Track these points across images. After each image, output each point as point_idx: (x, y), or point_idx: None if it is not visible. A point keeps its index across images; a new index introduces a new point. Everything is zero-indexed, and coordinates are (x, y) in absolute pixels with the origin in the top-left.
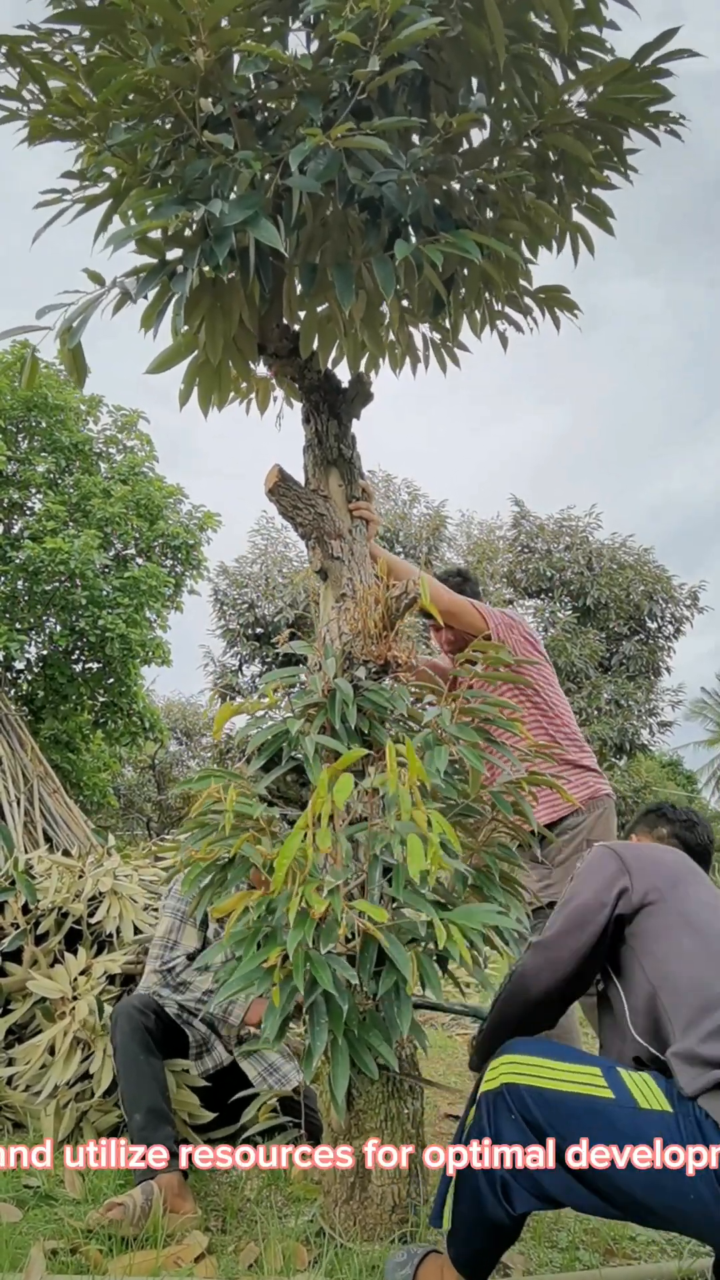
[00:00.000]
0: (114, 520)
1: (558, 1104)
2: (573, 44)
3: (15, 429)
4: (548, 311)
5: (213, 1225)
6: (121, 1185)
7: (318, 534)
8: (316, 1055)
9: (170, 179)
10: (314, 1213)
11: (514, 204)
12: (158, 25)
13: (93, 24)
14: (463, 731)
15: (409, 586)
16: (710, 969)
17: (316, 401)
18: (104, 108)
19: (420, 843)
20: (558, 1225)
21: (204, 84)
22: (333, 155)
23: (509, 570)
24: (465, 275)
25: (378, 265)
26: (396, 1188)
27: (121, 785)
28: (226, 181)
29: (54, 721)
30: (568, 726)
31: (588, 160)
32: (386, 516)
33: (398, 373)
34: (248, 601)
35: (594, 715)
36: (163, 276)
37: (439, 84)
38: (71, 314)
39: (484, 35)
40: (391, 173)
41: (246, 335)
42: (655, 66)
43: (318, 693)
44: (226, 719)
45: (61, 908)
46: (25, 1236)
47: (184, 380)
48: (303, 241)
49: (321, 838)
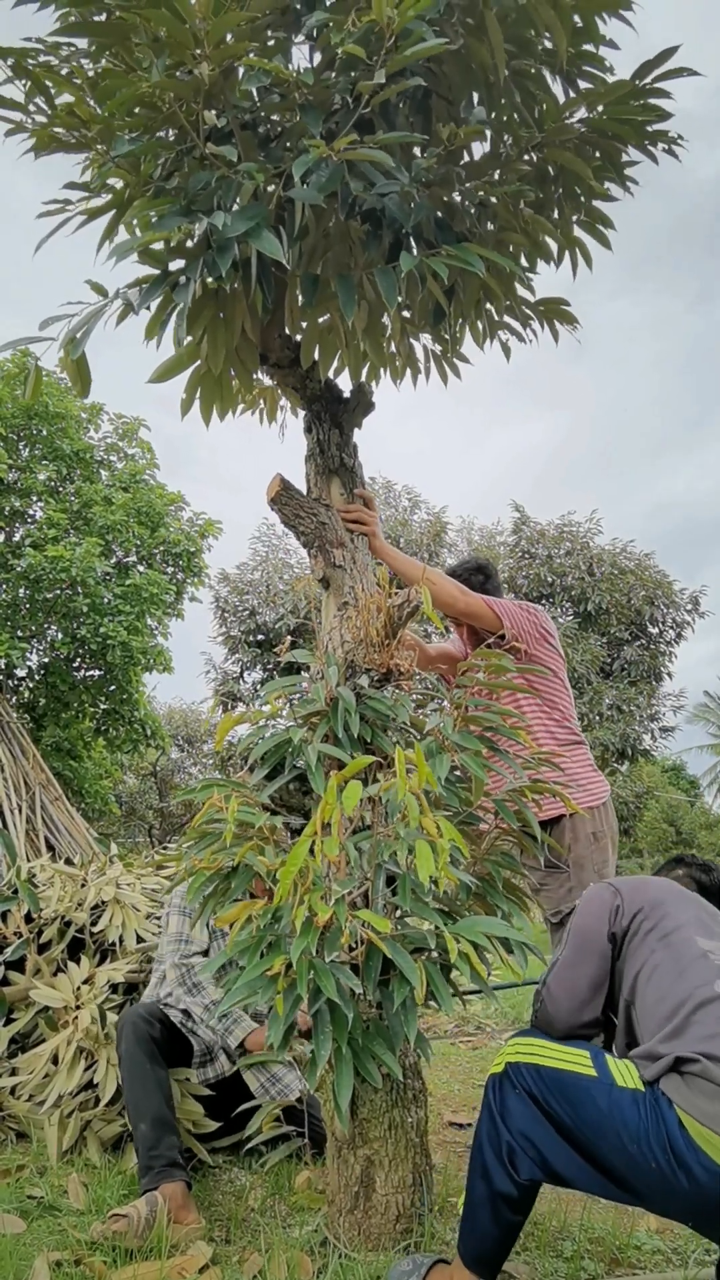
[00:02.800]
0: (115, 528)
1: (553, 1078)
2: (572, 61)
3: (16, 437)
4: (546, 324)
5: (217, 1235)
6: (125, 1195)
7: (320, 542)
8: (321, 1064)
9: (173, 190)
10: (318, 1222)
11: (514, 217)
12: (162, 39)
13: (98, 37)
14: (465, 740)
15: (411, 595)
16: (676, 983)
17: (318, 411)
18: (108, 120)
19: (429, 849)
20: (563, 1234)
21: (207, 97)
22: (335, 167)
23: (510, 576)
24: (465, 287)
25: (380, 277)
26: (401, 1197)
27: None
28: (229, 193)
29: (55, 729)
30: (568, 720)
31: (587, 176)
32: (388, 523)
33: (398, 384)
34: (249, 608)
35: (596, 721)
36: (165, 287)
37: (440, 97)
38: (75, 325)
39: (485, 50)
40: (393, 185)
41: (248, 345)
42: (654, 86)
43: (320, 701)
44: (229, 729)
45: (64, 916)
46: (29, 1248)
47: (185, 390)
48: (305, 253)
49: (329, 846)
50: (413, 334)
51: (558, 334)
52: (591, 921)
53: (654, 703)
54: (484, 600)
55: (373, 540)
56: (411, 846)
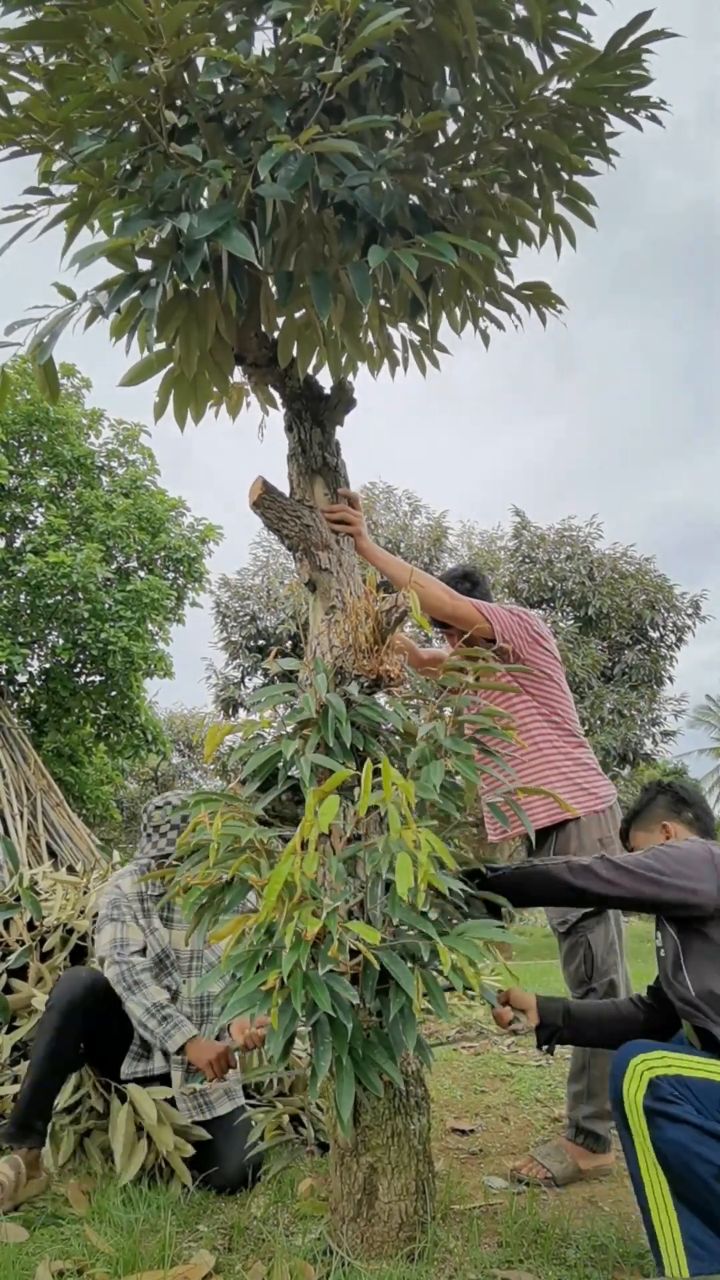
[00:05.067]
0: (116, 533)
1: (701, 1090)
2: (547, 30)
3: (17, 443)
4: (533, 308)
5: (219, 1244)
6: (125, 1201)
7: (305, 545)
8: (321, 1075)
9: (139, 191)
10: (321, 1230)
11: (490, 201)
12: (114, 38)
13: (49, 39)
14: (458, 745)
15: (399, 600)
16: None
17: (299, 410)
18: (66, 118)
19: (410, 861)
20: (566, 1242)
21: (168, 92)
22: (304, 160)
23: (510, 580)
24: (443, 275)
25: (353, 272)
26: (404, 1204)
27: (124, 798)
28: (196, 192)
29: (56, 735)
30: (568, 723)
31: (564, 153)
32: (388, 528)
33: (375, 375)
34: (249, 614)
35: (597, 725)
36: (134, 290)
37: (412, 78)
38: (42, 329)
39: (455, 26)
40: (364, 175)
41: (223, 346)
42: (632, 51)
43: (310, 710)
44: (218, 741)
45: (66, 924)
46: (32, 1257)
47: (159, 393)
48: (278, 248)
49: (308, 862)
50: (391, 324)
51: (545, 318)
52: (697, 878)
53: (655, 707)
54: (473, 603)
55: (358, 541)
56: (394, 858)
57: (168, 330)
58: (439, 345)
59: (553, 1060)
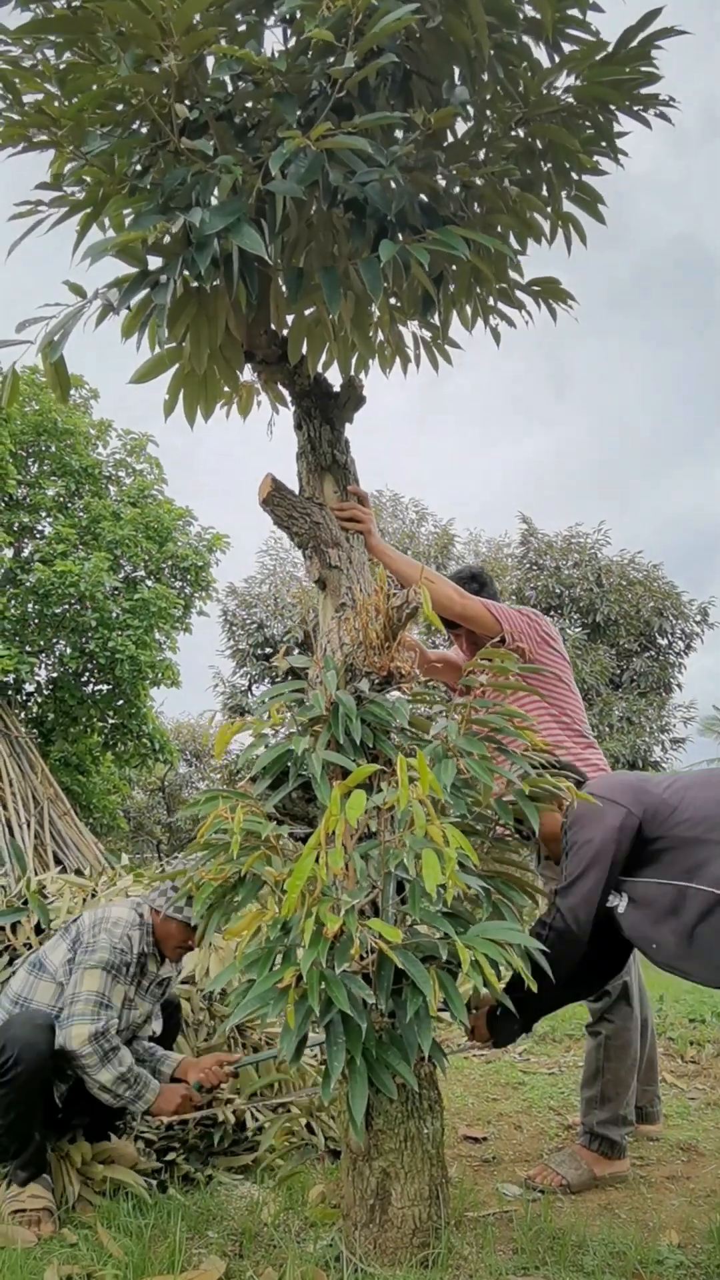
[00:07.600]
0: (124, 543)
1: None
2: (557, 28)
3: (25, 453)
4: (543, 303)
5: (230, 1250)
6: (134, 1206)
7: (314, 543)
8: (335, 1075)
9: (149, 187)
10: (333, 1237)
11: (500, 198)
12: (127, 33)
13: (61, 33)
14: (470, 744)
15: (410, 596)
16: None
17: (308, 407)
18: (78, 116)
19: (436, 858)
20: (583, 1248)
21: (179, 88)
22: (314, 157)
23: (518, 587)
24: (454, 271)
25: (364, 267)
26: (418, 1210)
27: (131, 808)
28: (207, 188)
29: (64, 744)
30: (578, 724)
31: (575, 148)
32: (395, 535)
33: (388, 372)
34: (257, 621)
35: (606, 732)
36: (145, 287)
37: (421, 77)
38: (53, 328)
39: (464, 24)
40: (374, 172)
41: (233, 343)
42: (640, 48)
43: (320, 707)
44: (228, 739)
45: None
46: (40, 1262)
47: (168, 391)
48: (288, 244)
49: (334, 857)
50: (401, 321)
51: (555, 313)
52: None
53: (664, 714)
54: (482, 603)
55: (369, 538)
56: (419, 855)
57: (178, 327)
58: (450, 341)
59: (565, 1068)
